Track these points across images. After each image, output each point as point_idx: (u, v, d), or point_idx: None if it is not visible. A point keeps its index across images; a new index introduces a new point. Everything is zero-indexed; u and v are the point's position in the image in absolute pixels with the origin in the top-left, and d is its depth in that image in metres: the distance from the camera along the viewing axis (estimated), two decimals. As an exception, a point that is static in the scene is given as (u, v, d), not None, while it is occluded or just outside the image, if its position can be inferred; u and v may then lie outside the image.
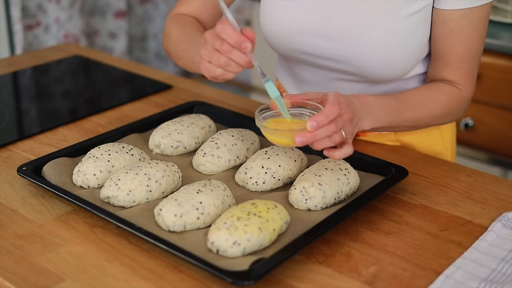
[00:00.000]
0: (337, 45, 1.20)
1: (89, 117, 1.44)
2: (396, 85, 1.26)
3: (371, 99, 1.12)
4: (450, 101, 1.21)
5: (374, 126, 1.12)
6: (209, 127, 1.28)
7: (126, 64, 1.79)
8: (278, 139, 1.04)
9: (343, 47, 1.19)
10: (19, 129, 1.41)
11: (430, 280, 0.92)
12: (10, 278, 0.91)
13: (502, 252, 0.97)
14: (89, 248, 0.98)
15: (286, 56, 1.31)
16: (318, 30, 1.21)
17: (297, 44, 1.24)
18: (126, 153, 1.15)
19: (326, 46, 1.21)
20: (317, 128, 0.97)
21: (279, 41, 1.26)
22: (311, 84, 1.32)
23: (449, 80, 1.22)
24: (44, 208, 1.08)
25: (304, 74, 1.32)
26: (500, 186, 1.17)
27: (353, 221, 1.05)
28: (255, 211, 0.96)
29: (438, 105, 1.20)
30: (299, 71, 1.32)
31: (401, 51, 1.17)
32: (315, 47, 1.22)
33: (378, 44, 1.16)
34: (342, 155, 1.03)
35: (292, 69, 1.35)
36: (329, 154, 1.03)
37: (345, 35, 1.18)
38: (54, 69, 1.77)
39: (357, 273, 0.93)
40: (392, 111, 1.14)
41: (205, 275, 0.92)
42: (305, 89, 1.34)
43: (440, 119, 1.23)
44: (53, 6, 2.88)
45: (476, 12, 1.15)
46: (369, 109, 1.10)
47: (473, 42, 1.18)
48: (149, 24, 3.42)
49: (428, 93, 1.20)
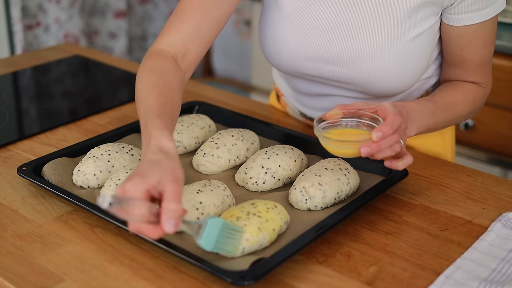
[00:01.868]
0: (343, 69, 1.19)
1: (89, 117, 1.44)
2: (399, 98, 1.27)
3: (413, 106, 1.11)
4: (476, 99, 1.23)
5: (418, 132, 1.11)
6: (209, 127, 1.28)
7: (126, 64, 1.79)
8: (341, 150, 1.02)
9: (349, 71, 1.18)
10: (19, 129, 1.41)
11: (430, 280, 0.92)
12: (10, 278, 0.91)
13: (502, 252, 0.97)
14: (89, 248, 0.98)
15: (289, 74, 1.29)
16: (323, 55, 1.19)
17: (301, 68, 1.22)
18: (126, 153, 1.15)
19: (332, 70, 1.20)
20: (382, 138, 0.97)
21: (282, 64, 1.24)
22: (311, 96, 1.31)
23: (470, 81, 1.23)
24: (44, 208, 1.08)
25: (303, 87, 1.31)
26: (500, 186, 1.17)
27: (353, 221, 1.05)
28: (255, 211, 0.96)
29: (466, 104, 1.22)
30: (300, 84, 1.31)
31: (408, 72, 1.18)
32: (320, 70, 1.21)
33: (386, 68, 1.16)
34: (405, 165, 1.03)
35: (292, 81, 1.33)
36: (392, 165, 1.03)
37: (351, 60, 1.17)
38: (54, 69, 1.77)
39: (357, 273, 0.93)
40: (430, 115, 1.14)
41: (205, 275, 0.92)
42: (304, 100, 1.34)
43: (466, 117, 1.25)
44: (53, 6, 2.87)
45: (489, 21, 1.16)
46: (412, 116, 1.09)
47: (489, 48, 1.20)
48: (149, 24, 3.42)
49: (457, 94, 1.21)
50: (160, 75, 1.06)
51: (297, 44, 1.20)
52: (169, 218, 0.82)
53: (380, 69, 1.16)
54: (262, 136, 1.29)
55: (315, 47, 1.19)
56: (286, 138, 1.26)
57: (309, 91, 1.30)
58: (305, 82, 1.28)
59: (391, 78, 1.17)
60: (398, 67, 1.16)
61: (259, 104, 1.53)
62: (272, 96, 1.54)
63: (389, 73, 1.17)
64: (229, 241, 0.90)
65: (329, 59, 1.19)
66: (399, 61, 1.16)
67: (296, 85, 1.32)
